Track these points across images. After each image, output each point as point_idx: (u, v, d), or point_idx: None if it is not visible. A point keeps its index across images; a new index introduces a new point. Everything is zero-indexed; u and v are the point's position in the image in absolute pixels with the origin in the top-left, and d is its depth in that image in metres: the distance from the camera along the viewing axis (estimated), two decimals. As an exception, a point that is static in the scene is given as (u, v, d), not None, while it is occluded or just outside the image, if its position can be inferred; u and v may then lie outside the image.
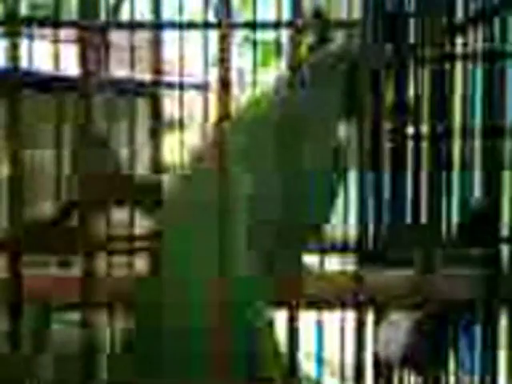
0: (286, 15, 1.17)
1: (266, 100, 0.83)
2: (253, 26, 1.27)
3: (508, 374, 0.79)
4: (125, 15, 1.75)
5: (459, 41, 0.90)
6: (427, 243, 0.81)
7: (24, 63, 1.19)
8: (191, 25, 1.31)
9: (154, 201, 1.06)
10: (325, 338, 1.18)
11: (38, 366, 0.97)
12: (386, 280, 0.80)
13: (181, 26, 1.29)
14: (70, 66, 1.15)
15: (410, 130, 0.98)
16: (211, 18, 1.36)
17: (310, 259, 1.07)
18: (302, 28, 0.76)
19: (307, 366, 1.43)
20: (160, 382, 0.69)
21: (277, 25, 1.22)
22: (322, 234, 1.07)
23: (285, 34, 1.24)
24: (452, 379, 0.91)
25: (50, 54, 1.16)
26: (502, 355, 0.80)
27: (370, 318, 1.03)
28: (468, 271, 0.81)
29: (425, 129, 0.90)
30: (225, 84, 0.56)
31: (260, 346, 0.68)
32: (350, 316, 1.07)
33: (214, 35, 1.28)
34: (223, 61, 0.56)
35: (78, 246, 0.69)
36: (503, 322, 0.80)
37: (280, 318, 0.74)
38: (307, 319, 1.00)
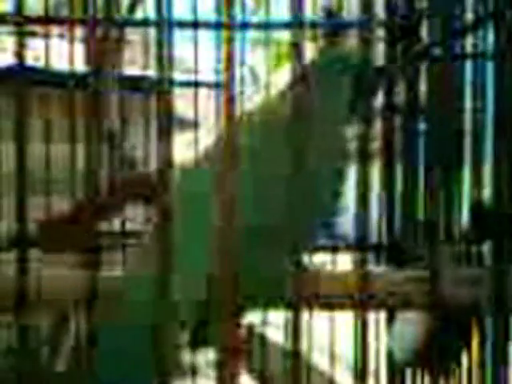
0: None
1: (278, 100, 0.84)
2: (265, 26, 1.28)
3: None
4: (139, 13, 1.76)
5: (469, 40, 0.91)
6: (437, 240, 0.82)
7: (42, 62, 1.20)
8: (204, 24, 1.31)
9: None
10: (338, 334, 1.19)
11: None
12: (394, 279, 0.81)
13: (194, 25, 1.30)
14: (85, 64, 1.16)
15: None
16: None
17: (322, 258, 1.08)
18: (313, 28, 0.76)
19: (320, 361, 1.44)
20: None
21: (289, 25, 1.22)
22: (331, 231, 1.07)
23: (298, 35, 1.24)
24: (464, 374, 0.91)
25: (66, 53, 1.17)
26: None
27: (382, 315, 1.04)
28: (477, 269, 0.81)
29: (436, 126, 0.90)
30: (228, 85, 0.57)
31: None
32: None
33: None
34: (228, 61, 0.57)
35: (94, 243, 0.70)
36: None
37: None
38: (320, 314, 1.00)
